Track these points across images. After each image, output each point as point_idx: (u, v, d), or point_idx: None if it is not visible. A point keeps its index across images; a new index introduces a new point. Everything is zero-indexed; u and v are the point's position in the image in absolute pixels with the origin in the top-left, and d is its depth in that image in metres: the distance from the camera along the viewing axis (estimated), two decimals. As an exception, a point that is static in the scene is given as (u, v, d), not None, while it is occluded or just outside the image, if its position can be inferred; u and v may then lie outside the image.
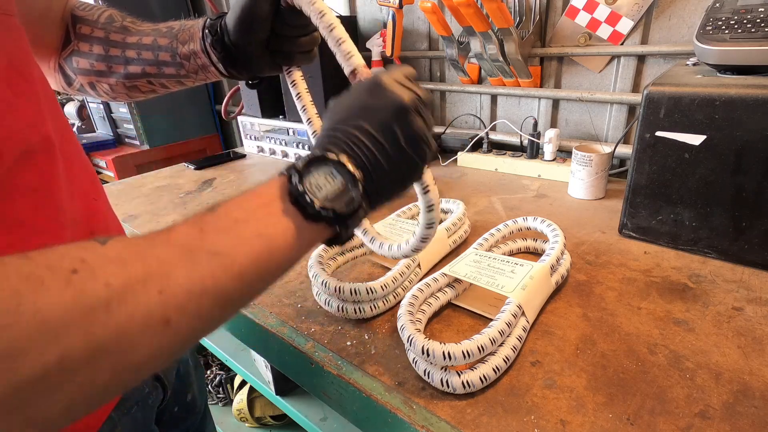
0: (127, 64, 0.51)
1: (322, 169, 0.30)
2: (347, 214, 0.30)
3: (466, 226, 0.68)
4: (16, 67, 0.36)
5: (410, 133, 0.32)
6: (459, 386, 0.39)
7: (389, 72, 0.35)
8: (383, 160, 0.32)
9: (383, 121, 0.32)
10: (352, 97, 0.34)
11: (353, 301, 0.50)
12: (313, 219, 0.29)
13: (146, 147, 1.70)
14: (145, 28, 0.52)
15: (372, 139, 0.32)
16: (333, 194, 0.30)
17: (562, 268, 0.54)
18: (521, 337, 0.44)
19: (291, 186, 0.29)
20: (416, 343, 0.40)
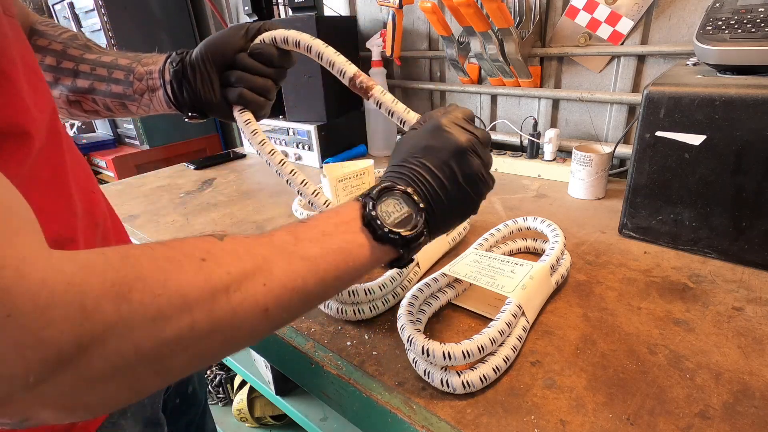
0: (75, 76, 0.52)
1: (392, 198, 0.36)
2: (410, 239, 0.35)
3: (465, 222, 0.68)
4: (28, 63, 0.38)
5: (467, 172, 0.37)
6: (459, 386, 0.39)
7: (448, 113, 0.40)
8: (443, 195, 0.37)
9: (443, 161, 0.37)
10: (416, 138, 0.39)
11: (352, 303, 0.50)
12: (382, 240, 0.34)
13: (146, 147, 1.70)
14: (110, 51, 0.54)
15: (433, 175, 0.37)
16: (400, 219, 0.35)
17: (562, 268, 0.54)
18: (521, 337, 0.44)
19: (365, 211, 0.35)
20: (416, 343, 0.40)
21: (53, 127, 0.40)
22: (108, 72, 0.52)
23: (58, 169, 0.39)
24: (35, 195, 0.35)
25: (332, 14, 1.26)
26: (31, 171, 0.35)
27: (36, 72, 0.40)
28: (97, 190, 0.48)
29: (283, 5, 1.33)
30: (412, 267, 0.56)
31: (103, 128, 1.87)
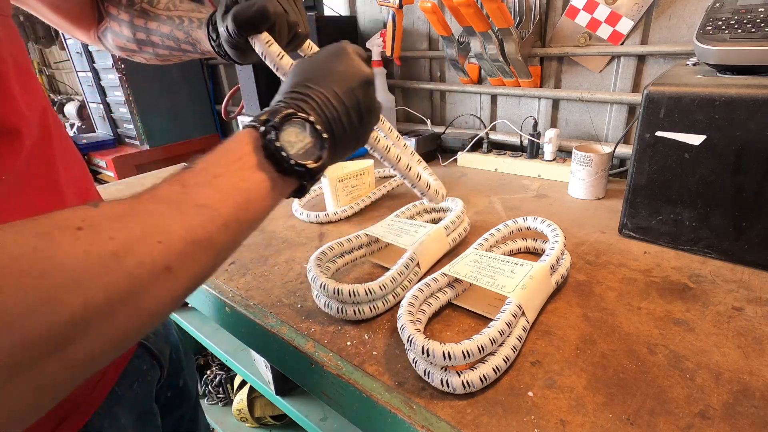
0: (153, 46, 0.57)
1: (293, 127, 0.33)
2: (316, 171, 0.33)
3: (465, 224, 0.68)
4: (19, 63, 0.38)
5: (369, 103, 0.37)
6: (459, 386, 0.39)
7: (350, 44, 0.39)
8: (346, 124, 0.36)
9: (352, 89, 0.36)
10: (321, 61, 0.37)
11: (352, 303, 0.50)
12: (285, 173, 0.32)
13: (146, 147, 1.70)
14: (161, 13, 0.56)
15: (341, 103, 0.35)
16: (302, 150, 0.33)
17: (562, 268, 0.54)
18: (521, 337, 0.44)
19: (266, 141, 0.32)
20: (416, 343, 0.40)
21: (44, 124, 0.40)
22: (176, 44, 0.56)
23: (49, 167, 0.39)
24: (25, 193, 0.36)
25: (332, 14, 1.26)
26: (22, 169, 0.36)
27: (27, 71, 0.40)
28: (92, 188, 0.48)
29: (283, 5, 1.33)
30: (412, 267, 0.56)
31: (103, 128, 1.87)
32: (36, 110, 0.39)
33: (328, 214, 0.78)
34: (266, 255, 0.68)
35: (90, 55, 1.66)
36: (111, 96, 1.71)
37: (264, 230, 0.77)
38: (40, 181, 0.38)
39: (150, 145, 1.70)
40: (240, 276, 0.62)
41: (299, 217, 0.80)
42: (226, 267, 0.65)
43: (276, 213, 0.84)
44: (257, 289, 0.59)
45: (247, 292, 0.59)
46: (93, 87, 1.73)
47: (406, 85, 1.23)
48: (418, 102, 1.26)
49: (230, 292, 0.59)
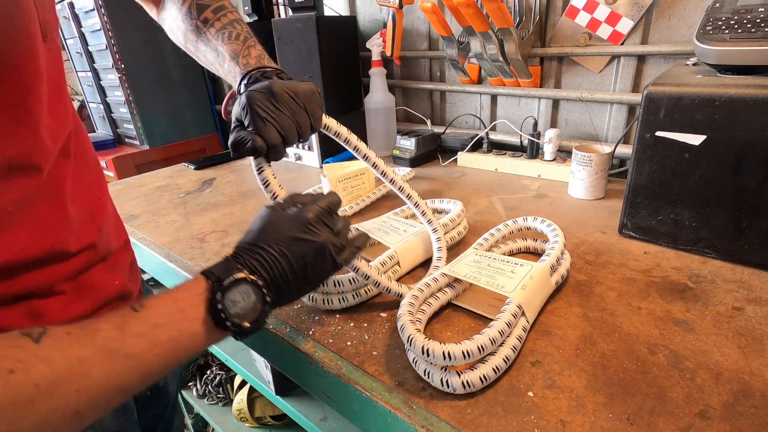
0: (198, 58, 0.60)
1: (242, 287, 0.36)
2: (249, 331, 0.37)
3: (461, 227, 0.68)
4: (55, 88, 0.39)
5: (321, 269, 0.41)
6: (459, 386, 0.39)
7: (314, 205, 0.42)
8: (294, 285, 0.40)
9: (302, 255, 0.39)
10: (283, 224, 0.41)
11: (322, 292, 0.52)
12: (222, 328, 0.36)
13: (146, 147, 1.70)
14: (211, 38, 0.57)
15: (291, 267, 0.39)
16: (245, 310, 0.36)
17: (562, 268, 0.54)
18: (521, 337, 0.44)
19: (212, 298, 0.35)
20: (416, 343, 0.40)
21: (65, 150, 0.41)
22: (215, 69, 0.58)
23: (58, 190, 0.40)
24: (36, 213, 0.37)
25: (332, 14, 1.26)
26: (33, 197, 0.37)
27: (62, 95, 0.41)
28: (103, 195, 0.49)
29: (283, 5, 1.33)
30: (390, 265, 0.57)
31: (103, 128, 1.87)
32: (61, 138, 0.40)
33: None
34: (266, 255, 0.68)
35: (90, 55, 1.66)
36: (111, 96, 1.71)
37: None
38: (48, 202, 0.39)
39: (150, 145, 1.70)
40: (240, 276, 0.62)
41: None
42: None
43: (276, 213, 0.84)
44: (257, 289, 0.59)
45: (247, 292, 0.59)
46: (93, 87, 1.74)
47: (406, 85, 1.23)
48: (418, 102, 1.26)
49: (230, 292, 0.59)
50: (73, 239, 0.42)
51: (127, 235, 0.55)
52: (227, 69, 0.55)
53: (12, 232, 0.35)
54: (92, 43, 1.63)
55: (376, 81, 1.12)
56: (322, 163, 1.10)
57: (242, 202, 0.92)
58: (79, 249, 0.42)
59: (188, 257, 0.69)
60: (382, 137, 1.15)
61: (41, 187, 0.38)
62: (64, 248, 0.40)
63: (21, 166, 0.35)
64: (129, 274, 0.52)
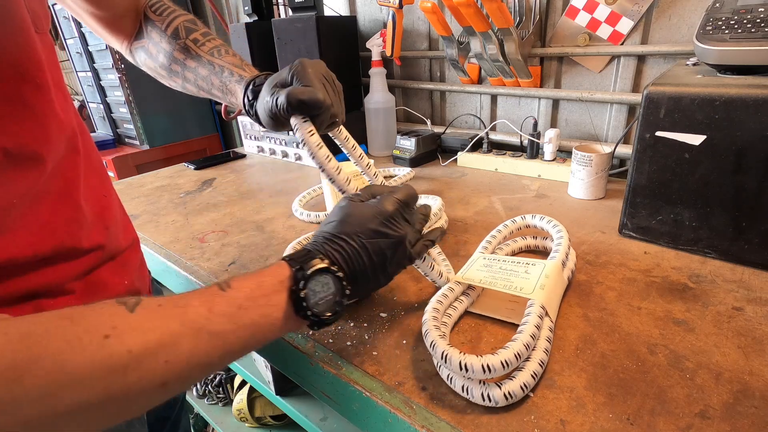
0: (185, 81, 0.58)
1: (322, 278, 0.37)
2: (327, 322, 0.38)
3: (442, 221, 0.68)
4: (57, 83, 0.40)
5: (397, 262, 0.41)
6: (501, 398, 0.37)
7: (394, 197, 0.42)
8: (372, 279, 0.40)
9: (382, 249, 0.40)
10: (363, 215, 0.41)
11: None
12: (302, 317, 0.36)
13: (146, 147, 1.70)
14: (203, 55, 0.57)
15: (370, 259, 0.39)
16: (323, 301, 0.37)
17: (570, 263, 0.54)
18: (550, 339, 0.43)
19: (295, 287, 0.36)
20: (452, 360, 0.38)
21: (72, 144, 0.41)
22: (207, 87, 0.57)
23: (70, 183, 0.40)
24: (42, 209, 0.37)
25: (332, 14, 1.26)
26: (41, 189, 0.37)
27: (63, 90, 0.41)
28: (109, 193, 0.49)
29: (283, 5, 1.33)
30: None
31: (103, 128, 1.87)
32: (66, 131, 0.40)
33: (327, 215, 0.78)
34: (266, 255, 0.68)
35: (90, 55, 1.66)
36: (111, 96, 1.71)
37: (264, 230, 0.77)
38: (59, 198, 0.39)
39: (150, 145, 1.70)
40: (240, 276, 0.62)
41: (299, 217, 0.80)
42: (226, 267, 0.65)
43: (276, 213, 0.84)
44: (257, 289, 0.59)
45: (247, 292, 0.59)
46: (93, 87, 1.74)
47: (406, 85, 1.23)
48: (418, 102, 1.26)
49: (230, 292, 0.59)
50: (85, 236, 0.42)
51: (135, 235, 0.55)
52: (225, 78, 0.55)
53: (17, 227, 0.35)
54: (92, 43, 1.63)
55: (376, 81, 1.12)
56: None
57: (242, 202, 0.92)
58: (91, 247, 0.42)
59: (188, 257, 0.69)
60: (382, 137, 1.15)
61: (47, 181, 0.37)
62: (76, 245, 0.40)
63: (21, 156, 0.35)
64: (138, 273, 0.52)
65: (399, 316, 0.51)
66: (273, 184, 1.02)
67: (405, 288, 0.57)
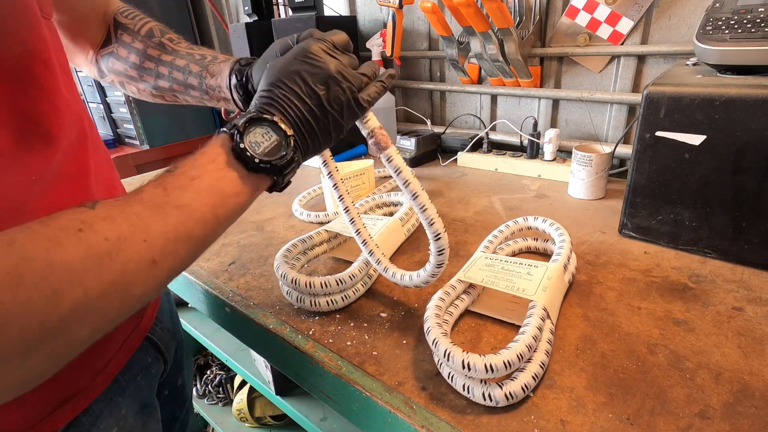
0: (157, 77, 0.56)
1: (260, 128, 0.36)
2: (282, 166, 0.37)
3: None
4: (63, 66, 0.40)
5: (335, 97, 0.39)
6: (502, 398, 0.37)
7: (320, 41, 0.40)
8: (312, 119, 0.39)
9: (311, 86, 0.38)
10: (285, 62, 0.39)
11: (309, 293, 0.52)
12: (254, 170, 0.36)
13: (146, 147, 1.70)
14: (181, 49, 0.55)
15: (302, 101, 0.38)
16: (269, 149, 0.36)
17: (571, 266, 0.54)
18: (551, 341, 0.43)
19: (233, 143, 0.35)
20: (455, 358, 0.38)
21: (81, 127, 0.41)
22: (183, 77, 0.54)
23: (82, 167, 0.41)
24: (57, 192, 0.37)
25: (332, 14, 1.26)
26: (56, 170, 0.37)
27: (69, 73, 0.41)
28: (117, 184, 0.50)
29: (283, 5, 1.33)
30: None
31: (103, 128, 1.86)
32: (74, 113, 0.41)
33: (327, 214, 0.78)
34: (266, 255, 0.68)
35: (90, 55, 1.66)
36: (111, 96, 1.71)
37: (264, 230, 0.77)
38: (72, 182, 0.39)
39: (150, 145, 1.70)
40: (240, 276, 0.62)
41: (299, 217, 0.80)
42: (226, 267, 0.65)
43: (276, 213, 0.84)
44: (257, 289, 0.59)
45: (247, 292, 0.59)
46: (93, 87, 1.73)
47: (406, 85, 1.23)
48: (418, 102, 1.26)
49: (230, 292, 0.59)
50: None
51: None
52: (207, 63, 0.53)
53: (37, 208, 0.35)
54: (92, 43, 1.63)
55: (376, 81, 1.12)
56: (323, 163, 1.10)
57: (242, 202, 0.92)
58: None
59: (188, 257, 0.69)
60: (382, 137, 1.15)
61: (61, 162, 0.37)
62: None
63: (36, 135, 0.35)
64: None
65: (399, 316, 0.51)
66: (273, 184, 1.01)
67: (405, 288, 0.57)
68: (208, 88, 0.53)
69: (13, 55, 0.34)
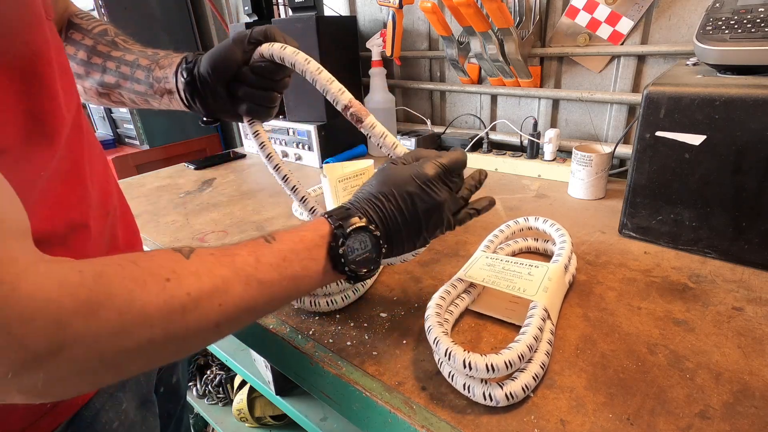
0: (104, 72, 0.56)
1: (360, 237, 0.38)
2: (363, 276, 0.39)
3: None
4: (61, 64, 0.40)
5: (435, 226, 0.42)
6: (503, 398, 0.37)
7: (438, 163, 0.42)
8: (406, 239, 0.41)
9: (418, 214, 0.41)
10: (402, 177, 0.41)
11: (309, 294, 0.52)
12: (339, 272, 0.38)
13: (146, 147, 1.70)
14: (133, 48, 0.56)
15: (405, 222, 0.40)
16: (361, 258, 0.39)
17: (572, 267, 0.54)
18: (551, 341, 0.43)
19: (334, 244, 0.37)
20: (456, 357, 0.38)
21: (76, 123, 0.42)
22: (131, 71, 0.55)
23: (78, 163, 0.41)
24: (55, 187, 0.38)
25: (332, 14, 1.26)
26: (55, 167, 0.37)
27: (67, 71, 0.42)
28: (111, 180, 0.50)
29: (283, 5, 1.33)
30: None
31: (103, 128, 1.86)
32: (72, 110, 0.41)
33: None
34: (266, 255, 0.68)
35: (90, 55, 1.66)
36: (111, 96, 1.71)
37: (264, 230, 0.77)
38: (69, 177, 0.40)
39: (150, 145, 1.70)
40: (240, 276, 0.62)
41: (299, 217, 0.80)
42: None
43: (276, 213, 0.84)
44: (257, 289, 0.59)
45: (247, 292, 0.59)
46: (93, 87, 1.73)
47: (406, 85, 1.23)
48: (418, 102, 1.26)
49: (230, 292, 0.59)
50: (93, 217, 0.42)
51: (138, 235, 0.55)
52: (157, 57, 0.54)
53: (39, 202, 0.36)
54: (92, 43, 1.63)
55: (376, 81, 1.12)
56: (322, 163, 1.10)
57: (242, 202, 0.92)
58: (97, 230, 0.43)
59: (188, 257, 0.69)
60: (382, 137, 1.15)
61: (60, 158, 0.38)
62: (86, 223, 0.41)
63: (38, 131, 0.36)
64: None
65: (399, 316, 0.51)
66: (273, 184, 1.01)
67: (405, 288, 0.57)
68: (154, 80, 0.54)
69: (22, 55, 0.34)
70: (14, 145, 0.33)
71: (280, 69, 0.50)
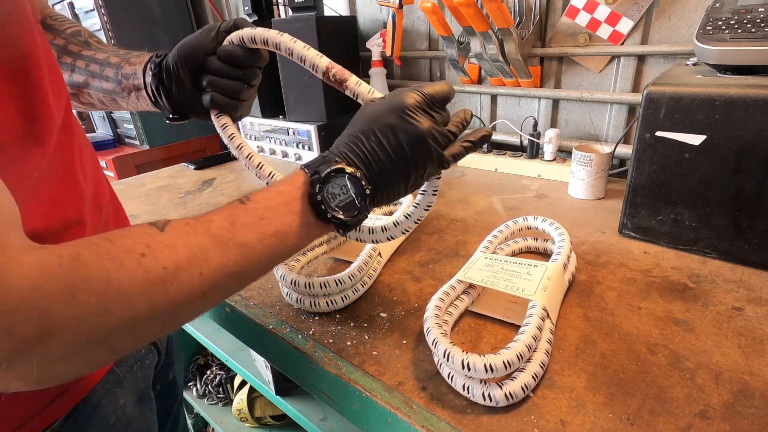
0: (73, 71, 0.55)
1: (339, 180, 0.36)
2: (351, 223, 0.37)
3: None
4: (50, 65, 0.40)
5: (422, 159, 0.38)
6: (502, 398, 0.37)
7: (418, 93, 0.39)
8: (392, 176, 0.38)
9: (401, 146, 0.37)
10: (377, 112, 0.38)
11: (309, 294, 0.52)
12: (324, 221, 0.36)
13: (146, 147, 1.69)
14: (106, 48, 0.55)
15: (388, 157, 0.37)
16: (344, 203, 0.36)
17: (571, 266, 0.54)
18: (551, 341, 0.43)
19: (312, 191, 0.36)
20: (455, 358, 0.38)
21: (66, 122, 0.42)
22: (100, 69, 0.54)
23: (70, 162, 0.41)
24: (49, 186, 0.38)
25: (332, 14, 1.26)
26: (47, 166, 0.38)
27: (55, 70, 0.42)
28: (102, 179, 0.50)
29: (283, 5, 1.33)
30: (375, 257, 0.58)
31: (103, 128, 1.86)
32: (61, 110, 0.41)
33: None
34: (266, 255, 0.68)
35: (90, 55, 1.66)
36: (111, 96, 1.71)
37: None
38: (61, 174, 0.40)
39: (150, 145, 1.70)
40: (240, 276, 0.62)
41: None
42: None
43: (276, 213, 0.84)
44: (257, 289, 0.59)
45: (247, 292, 0.59)
46: (93, 87, 1.73)
47: (407, 85, 1.23)
48: (418, 102, 1.26)
49: (230, 292, 0.59)
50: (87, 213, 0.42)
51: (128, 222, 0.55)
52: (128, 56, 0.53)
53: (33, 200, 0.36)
54: (92, 43, 1.63)
55: (376, 81, 1.12)
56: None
57: (242, 202, 0.92)
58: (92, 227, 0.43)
59: (188, 257, 0.69)
60: (382, 137, 1.15)
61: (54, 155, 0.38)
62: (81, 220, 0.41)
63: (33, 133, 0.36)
64: None
65: (399, 316, 0.51)
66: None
67: (405, 288, 0.57)
68: (123, 77, 0.53)
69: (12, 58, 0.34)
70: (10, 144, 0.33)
71: (249, 56, 0.48)
